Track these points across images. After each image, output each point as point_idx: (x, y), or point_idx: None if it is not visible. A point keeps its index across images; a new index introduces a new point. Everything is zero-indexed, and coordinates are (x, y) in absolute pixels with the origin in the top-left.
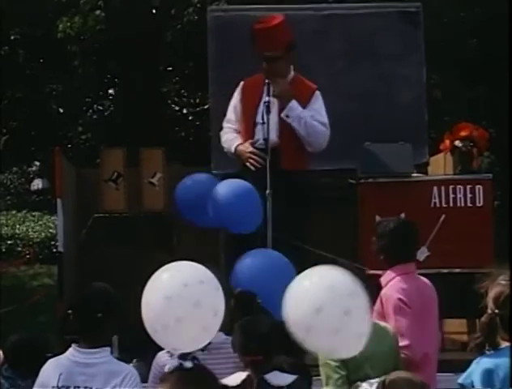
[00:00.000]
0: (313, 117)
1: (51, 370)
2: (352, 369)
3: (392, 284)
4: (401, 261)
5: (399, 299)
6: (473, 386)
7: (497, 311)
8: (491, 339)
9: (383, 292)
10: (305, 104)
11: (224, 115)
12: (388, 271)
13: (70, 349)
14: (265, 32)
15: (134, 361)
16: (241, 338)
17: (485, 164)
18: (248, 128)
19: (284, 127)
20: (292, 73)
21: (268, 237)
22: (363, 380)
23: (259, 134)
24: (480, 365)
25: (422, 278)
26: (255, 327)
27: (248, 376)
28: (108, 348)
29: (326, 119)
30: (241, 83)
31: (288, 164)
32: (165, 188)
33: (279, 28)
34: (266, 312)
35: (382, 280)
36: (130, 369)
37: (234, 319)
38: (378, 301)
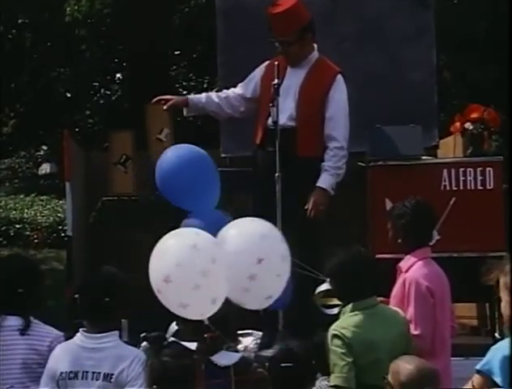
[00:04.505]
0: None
1: (59, 356)
2: (359, 355)
3: (415, 268)
4: (421, 244)
5: (427, 287)
6: (488, 374)
7: None
8: None
9: (408, 275)
10: (324, 90)
11: None
12: (408, 256)
13: (78, 334)
14: (276, 16)
15: (144, 344)
16: None
17: (494, 148)
18: (265, 107)
19: (302, 113)
20: (316, 55)
21: (278, 222)
22: (374, 365)
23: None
24: (498, 352)
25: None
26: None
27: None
28: (117, 333)
29: (341, 133)
30: (267, 61)
31: (304, 152)
32: None
33: (290, 12)
34: None
35: (403, 265)
36: (137, 353)
37: None
38: (399, 285)
